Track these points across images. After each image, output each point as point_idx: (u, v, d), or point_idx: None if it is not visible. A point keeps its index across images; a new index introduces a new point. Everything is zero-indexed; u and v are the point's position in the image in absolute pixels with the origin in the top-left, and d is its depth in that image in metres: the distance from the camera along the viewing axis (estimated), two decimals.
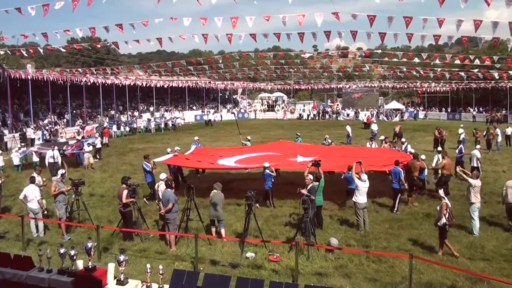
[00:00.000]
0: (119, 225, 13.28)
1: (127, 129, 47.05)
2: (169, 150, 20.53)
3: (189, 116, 64.20)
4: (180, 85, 64.65)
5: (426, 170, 18.31)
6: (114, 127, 44.91)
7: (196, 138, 24.70)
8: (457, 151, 21.55)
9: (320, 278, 10.38)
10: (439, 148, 21.88)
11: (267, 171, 16.52)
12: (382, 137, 25.15)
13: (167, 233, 12.42)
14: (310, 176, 13.45)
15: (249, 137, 24.01)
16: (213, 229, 13.07)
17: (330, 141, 25.98)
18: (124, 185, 13.09)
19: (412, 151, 20.61)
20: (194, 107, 72.51)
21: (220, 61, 51.38)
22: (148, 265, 7.14)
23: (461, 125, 30.79)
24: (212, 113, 64.15)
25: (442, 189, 12.09)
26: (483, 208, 14.75)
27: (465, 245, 12.55)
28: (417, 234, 13.33)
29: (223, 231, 12.89)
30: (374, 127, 37.44)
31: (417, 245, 12.50)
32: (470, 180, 13.77)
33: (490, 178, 20.66)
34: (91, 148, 25.79)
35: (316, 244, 11.72)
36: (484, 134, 28.77)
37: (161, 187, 13.29)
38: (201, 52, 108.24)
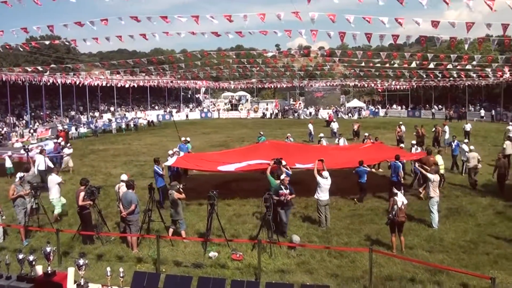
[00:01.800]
0: (79, 229, 13.02)
1: (86, 130, 46.02)
2: (171, 152, 19.90)
3: (151, 115, 63.43)
4: (141, 85, 63.84)
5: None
6: (73, 128, 43.89)
7: (183, 139, 24.25)
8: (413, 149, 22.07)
9: (282, 275, 10.48)
10: (413, 142, 23.55)
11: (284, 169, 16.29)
12: (366, 134, 26.89)
13: (128, 235, 12.25)
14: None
15: (188, 139, 23.31)
16: (171, 230, 12.93)
17: (292, 139, 26.27)
18: (82, 187, 12.84)
19: None
20: (157, 107, 71.81)
21: (182, 59, 50.94)
22: (109, 268, 7.05)
23: (400, 122, 31.99)
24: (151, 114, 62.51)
25: (396, 186, 12.35)
26: (442, 202, 15.24)
27: (425, 238, 12.93)
28: (378, 229, 13.60)
29: (183, 233, 12.82)
30: (334, 125, 37.97)
31: (377, 240, 12.77)
32: (429, 175, 14.18)
33: (449, 173, 21.20)
34: (71, 150, 24.78)
35: (278, 242, 11.82)
36: (433, 131, 29.79)
37: (121, 188, 13.08)
38: (163, 51, 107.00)
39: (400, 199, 11.77)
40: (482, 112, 58.00)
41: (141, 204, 13.04)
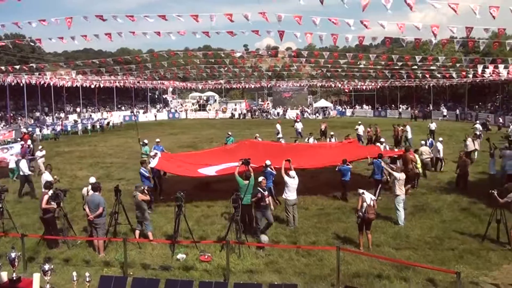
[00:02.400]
0: (45, 233, 12.71)
1: (50, 131, 44.92)
2: (153, 153, 19.50)
3: (117, 116, 62.58)
4: (108, 85, 62.86)
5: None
6: (37, 130, 42.82)
7: (157, 140, 23.91)
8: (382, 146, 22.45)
9: (251, 275, 10.49)
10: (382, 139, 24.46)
11: (269, 169, 16.38)
12: (332, 133, 28.08)
13: (95, 238, 12.03)
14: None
15: (146, 141, 22.77)
16: (137, 232, 12.79)
17: (260, 139, 26.37)
18: (45, 190, 12.56)
19: None
20: (123, 108, 70.89)
21: (149, 59, 50.43)
22: (75, 273, 6.93)
23: (359, 122, 32.60)
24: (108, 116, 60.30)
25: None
26: (407, 199, 15.55)
27: (391, 235, 13.16)
28: (345, 227, 13.78)
29: (150, 234, 12.68)
30: (299, 125, 38.25)
31: (345, 238, 12.92)
32: (395, 174, 14.48)
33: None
34: (44, 152, 24.06)
35: (246, 242, 11.82)
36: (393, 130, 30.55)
37: (85, 191, 12.84)
38: (129, 51, 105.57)
39: (368, 196, 11.95)
40: (445, 111, 59.54)
41: (107, 207, 12.83)
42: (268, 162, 16.27)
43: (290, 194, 14.01)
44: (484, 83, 53.50)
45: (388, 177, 17.88)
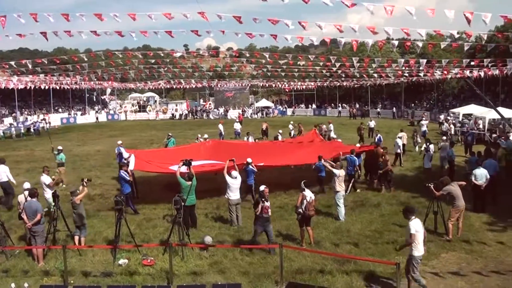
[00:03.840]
0: None
1: None
2: (127, 155, 18.71)
3: (54, 119, 60.40)
4: (44, 86, 60.22)
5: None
6: None
7: (119, 142, 23.09)
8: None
9: (195, 277, 10.41)
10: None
11: (250, 167, 16.64)
12: (280, 131, 29.52)
13: (34, 247, 11.50)
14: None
15: (60, 147, 21.41)
16: (77, 237, 12.40)
17: (202, 139, 26.27)
18: None
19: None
20: (60, 110, 68.48)
21: (86, 59, 48.80)
22: (13, 285, 6.63)
23: (291, 122, 33.36)
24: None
25: (304, 181, 12.75)
26: (347, 195, 15.93)
27: (332, 230, 13.47)
28: (287, 225, 13.98)
29: (82, 240, 12.37)
30: (237, 125, 38.43)
31: (287, 235, 13.10)
32: (334, 170, 14.82)
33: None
34: None
35: (190, 244, 11.72)
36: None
37: (22, 197, 12.28)
38: (66, 51, 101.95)
39: (308, 194, 12.13)
40: (379, 109, 61.68)
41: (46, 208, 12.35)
42: (249, 160, 16.74)
43: (232, 194, 14.05)
44: (420, 82, 55.70)
45: (359, 171, 19.50)
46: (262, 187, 12.08)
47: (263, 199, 11.70)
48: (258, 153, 20.14)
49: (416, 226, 9.27)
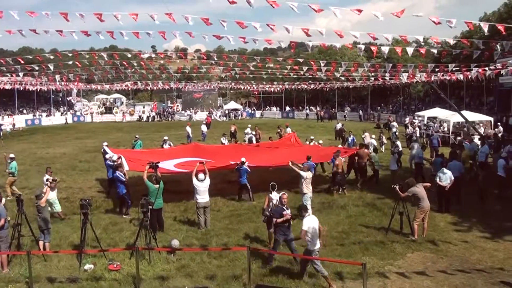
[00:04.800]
0: None
1: None
2: (115, 157, 17.90)
3: (19, 120, 58.67)
4: (7, 87, 58.38)
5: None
6: None
7: (105, 143, 22.58)
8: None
9: (162, 281, 10.29)
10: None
11: (244, 166, 16.95)
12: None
13: None
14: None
15: (12, 155, 19.76)
16: (41, 242, 12.07)
17: (169, 142, 26.16)
18: None
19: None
20: (25, 111, 66.76)
21: (52, 58, 47.67)
22: None
23: (249, 125, 34.31)
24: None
25: (271, 184, 12.78)
26: (315, 197, 16.05)
27: (300, 232, 13.45)
28: (256, 227, 13.97)
29: (47, 245, 12.08)
30: (203, 127, 38.29)
31: (255, 237, 13.12)
32: (301, 172, 14.88)
33: (319, 169, 22.27)
34: None
35: (157, 247, 11.58)
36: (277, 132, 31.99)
37: None
38: (31, 50, 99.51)
39: (275, 196, 12.18)
40: (346, 112, 62.82)
41: (10, 218, 12.00)
42: (243, 159, 17.14)
43: (200, 197, 13.99)
44: (386, 85, 56.65)
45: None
46: (278, 195, 11.76)
47: (283, 206, 11.16)
48: (250, 154, 20.28)
49: (309, 222, 9.97)
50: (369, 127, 38.00)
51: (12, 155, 19.70)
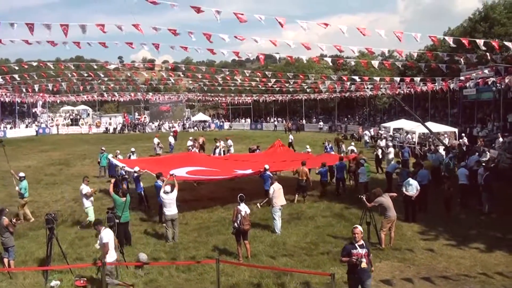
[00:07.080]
0: None
1: None
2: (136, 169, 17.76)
3: None
4: None
5: None
6: None
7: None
8: None
9: None
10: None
11: (267, 173, 17.80)
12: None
13: None
14: None
15: (22, 174, 17.73)
16: (6, 260, 11.71)
17: (135, 155, 26.04)
18: None
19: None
20: None
21: (17, 69, 46.61)
22: None
23: (190, 138, 35.30)
24: None
25: (240, 195, 12.81)
26: (284, 208, 16.08)
27: (269, 243, 13.57)
28: (224, 239, 13.92)
29: (12, 262, 11.73)
30: (171, 139, 38.13)
31: (224, 250, 13.07)
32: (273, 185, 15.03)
33: (290, 180, 22.36)
34: None
35: (124, 262, 11.42)
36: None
37: None
38: None
39: (243, 208, 12.21)
40: (321, 123, 63.34)
41: None
42: (267, 166, 17.96)
43: (166, 209, 13.87)
44: (352, 97, 57.51)
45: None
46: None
47: (357, 245, 8.86)
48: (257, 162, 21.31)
49: (108, 235, 10.15)
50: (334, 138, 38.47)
51: (22, 174, 17.52)
